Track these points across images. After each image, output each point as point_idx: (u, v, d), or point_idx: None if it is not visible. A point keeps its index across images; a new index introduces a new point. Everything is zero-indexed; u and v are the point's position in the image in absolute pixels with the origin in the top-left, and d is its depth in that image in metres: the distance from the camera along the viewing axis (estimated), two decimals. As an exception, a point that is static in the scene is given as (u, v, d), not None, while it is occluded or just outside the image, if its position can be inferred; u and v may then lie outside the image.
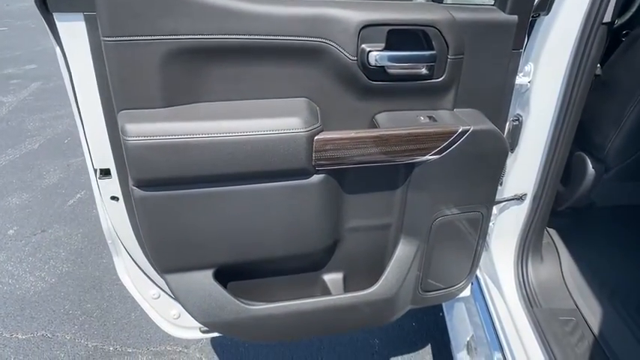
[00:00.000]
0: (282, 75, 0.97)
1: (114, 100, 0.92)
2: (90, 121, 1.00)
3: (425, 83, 1.03)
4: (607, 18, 1.08)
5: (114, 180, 1.07)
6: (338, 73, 0.98)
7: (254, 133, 0.92)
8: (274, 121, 0.93)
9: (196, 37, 0.87)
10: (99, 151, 1.04)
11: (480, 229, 1.23)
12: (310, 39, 0.93)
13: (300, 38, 0.92)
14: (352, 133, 0.97)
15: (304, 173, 1.00)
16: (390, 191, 1.14)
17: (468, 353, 1.60)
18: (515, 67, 1.12)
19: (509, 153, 1.29)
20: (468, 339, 1.61)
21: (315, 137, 0.95)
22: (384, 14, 0.94)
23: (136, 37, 0.85)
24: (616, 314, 1.31)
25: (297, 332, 1.19)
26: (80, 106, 0.98)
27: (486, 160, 1.10)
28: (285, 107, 0.97)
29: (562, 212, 1.60)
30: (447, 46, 0.99)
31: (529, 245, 1.46)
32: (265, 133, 0.92)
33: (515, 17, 1.03)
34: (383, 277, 1.19)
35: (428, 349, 2.08)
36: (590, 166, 1.37)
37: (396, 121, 1.03)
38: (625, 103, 1.20)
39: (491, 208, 1.22)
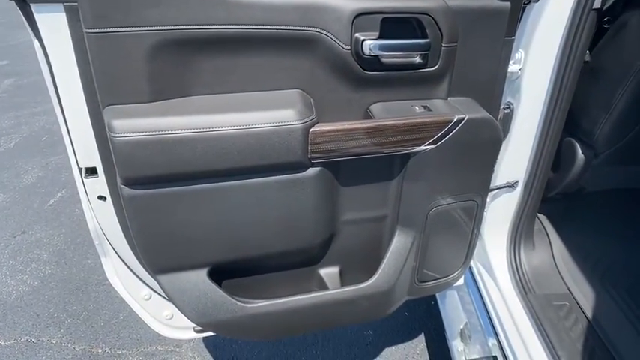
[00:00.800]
0: (275, 66, 0.94)
1: (99, 96, 0.88)
2: (74, 117, 0.95)
3: (419, 72, 1.02)
4: (597, 4, 1.08)
5: (101, 179, 1.02)
6: (332, 63, 0.95)
7: (248, 126, 0.89)
8: (268, 114, 0.90)
9: (185, 27, 0.84)
10: (84, 150, 0.99)
11: (474, 217, 1.23)
12: (303, 28, 0.90)
13: (292, 28, 0.89)
14: (348, 125, 0.95)
15: (300, 167, 0.97)
16: (386, 182, 1.13)
17: (462, 340, 1.62)
18: (507, 54, 1.11)
19: None
20: (462, 327, 1.63)
21: (311, 129, 0.93)
22: (378, 2, 0.91)
23: (120, 29, 0.81)
24: (608, 296, 1.33)
25: (295, 328, 1.18)
26: (63, 103, 0.94)
27: (481, 148, 1.10)
28: (278, 99, 0.94)
29: (552, 198, 1.61)
30: (441, 34, 0.98)
31: (521, 232, 1.47)
32: (259, 126, 0.89)
33: (507, 4, 1.02)
34: (380, 270, 1.18)
35: (421, 337, 2.09)
36: (580, 151, 1.38)
37: (391, 112, 1.02)
38: (614, 89, 1.21)
39: (486, 197, 1.22)
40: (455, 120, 1.02)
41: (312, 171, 0.99)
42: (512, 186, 1.40)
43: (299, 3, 0.88)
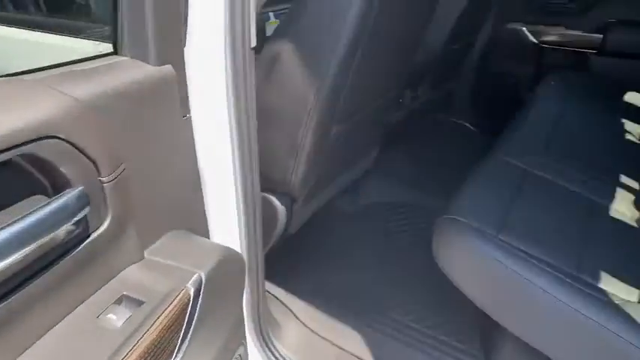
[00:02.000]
0: None
1: None
2: None
3: (79, 253, 0.46)
4: (253, 42, 0.79)
5: None
6: None
7: None
8: None
9: None
10: None
11: None
12: None
13: None
14: None
15: None
16: None
17: None
18: (191, 140, 0.70)
19: None
20: None
21: None
22: None
23: None
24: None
25: None
26: None
27: (230, 293, 0.68)
28: None
29: None
30: (95, 164, 0.45)
31: (262, 321, 1.13)
32: None
33: (169, 67, 0.59)
34: None
35: None
36: (279, 204, 1.15)
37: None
38: (295, 130, 1.01)
39: (246, 341, 0.82)
40: (192, 292, 0.54)
41: None
42: None
43: None
